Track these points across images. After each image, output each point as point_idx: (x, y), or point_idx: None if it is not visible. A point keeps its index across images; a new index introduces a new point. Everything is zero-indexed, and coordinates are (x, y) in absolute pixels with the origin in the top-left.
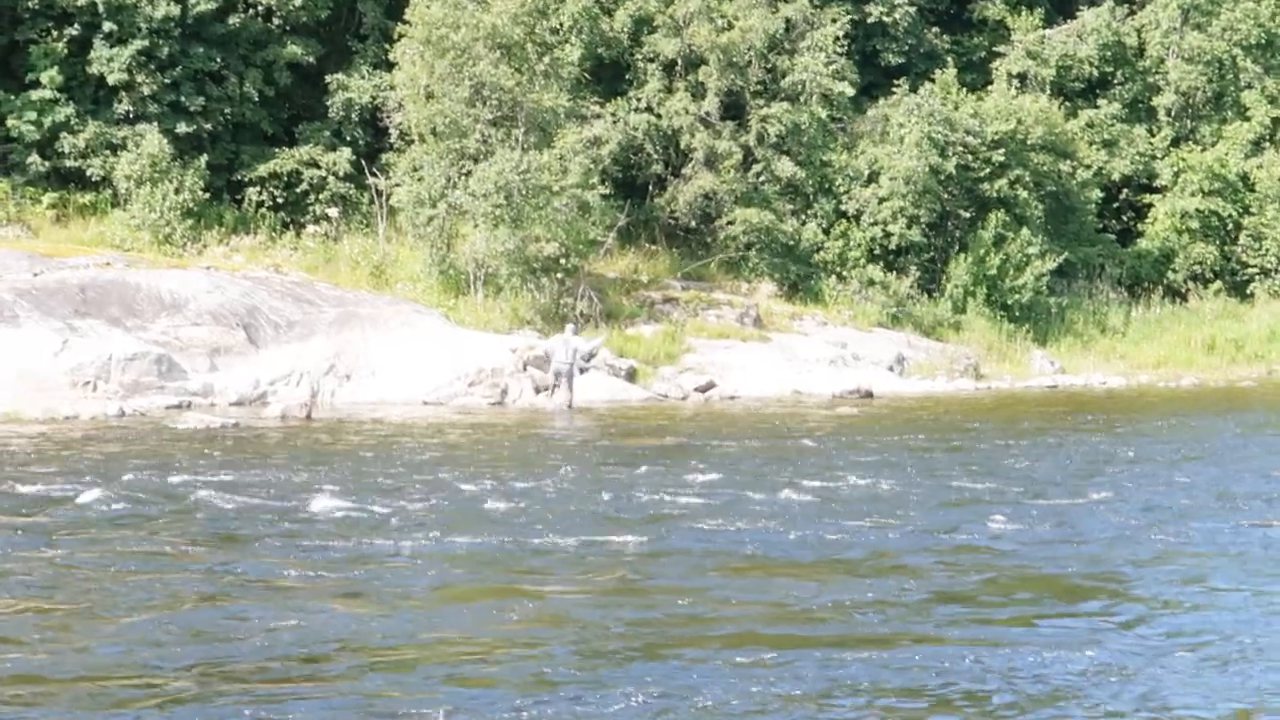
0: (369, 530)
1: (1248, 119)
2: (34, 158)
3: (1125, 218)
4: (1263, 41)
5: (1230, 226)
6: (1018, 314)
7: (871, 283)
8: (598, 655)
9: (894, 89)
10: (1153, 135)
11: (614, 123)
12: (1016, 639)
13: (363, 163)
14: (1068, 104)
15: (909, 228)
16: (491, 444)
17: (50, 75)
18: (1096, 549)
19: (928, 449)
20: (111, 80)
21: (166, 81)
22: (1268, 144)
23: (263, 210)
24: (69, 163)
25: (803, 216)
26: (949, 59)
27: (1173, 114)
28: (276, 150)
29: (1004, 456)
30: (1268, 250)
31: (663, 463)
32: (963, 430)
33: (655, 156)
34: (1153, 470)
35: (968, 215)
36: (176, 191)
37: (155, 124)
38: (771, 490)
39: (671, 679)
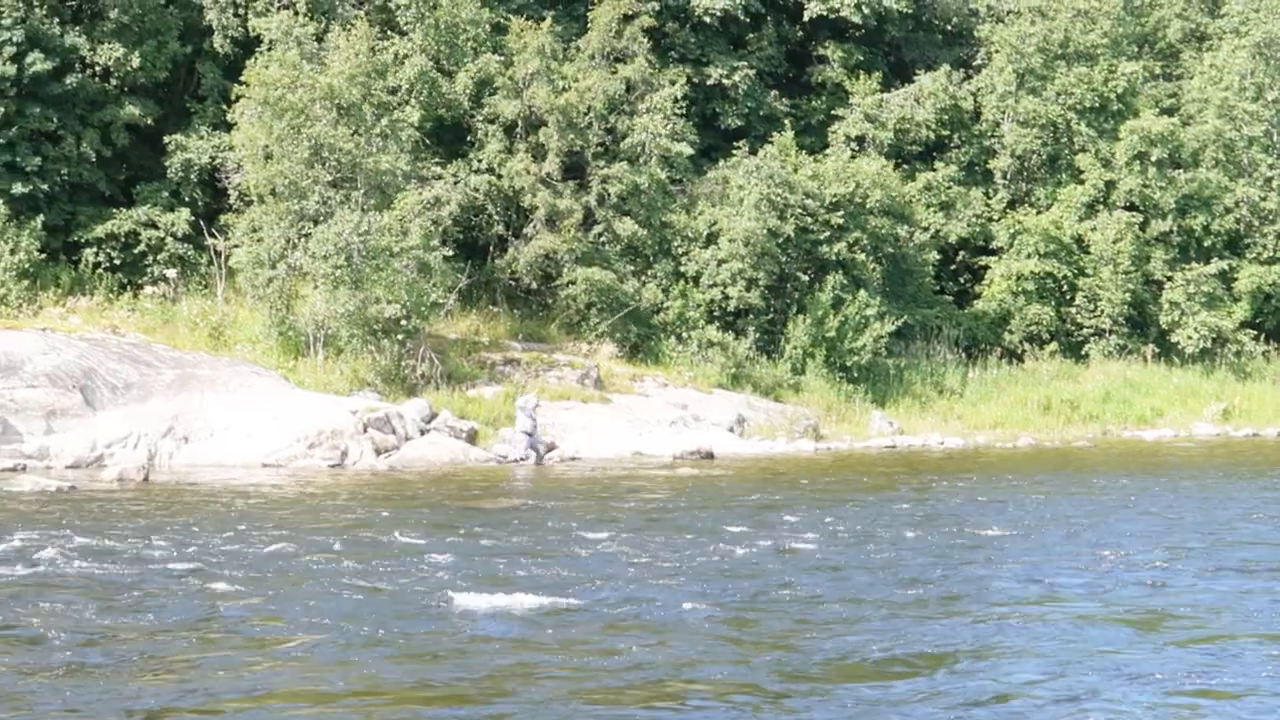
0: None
1: (1081, 182)
2: None
3: (962, 280)
4: (1096, 105)
5: (1065, 288)
6: (856, 375)
7: (711, 344)
8: None
9: (734, 151)
10: (989, 198)
11: (454, 184)
12: None
13: (201, 224)
14: (905, 167)
15: (748, 290)
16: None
17: None
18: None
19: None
20: None
21: (2, 142)
22: (1101, 206)
23: (100, 271)
24: None
25: (643, 277)
26: (788, 122)
27: (1008, 177)
28: (114, 211)
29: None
30: (1102, 311)
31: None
32: (800, 490)
33: (496, 217)
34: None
35: (806, 277)
36: (12, 252)
37: None
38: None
39: None
